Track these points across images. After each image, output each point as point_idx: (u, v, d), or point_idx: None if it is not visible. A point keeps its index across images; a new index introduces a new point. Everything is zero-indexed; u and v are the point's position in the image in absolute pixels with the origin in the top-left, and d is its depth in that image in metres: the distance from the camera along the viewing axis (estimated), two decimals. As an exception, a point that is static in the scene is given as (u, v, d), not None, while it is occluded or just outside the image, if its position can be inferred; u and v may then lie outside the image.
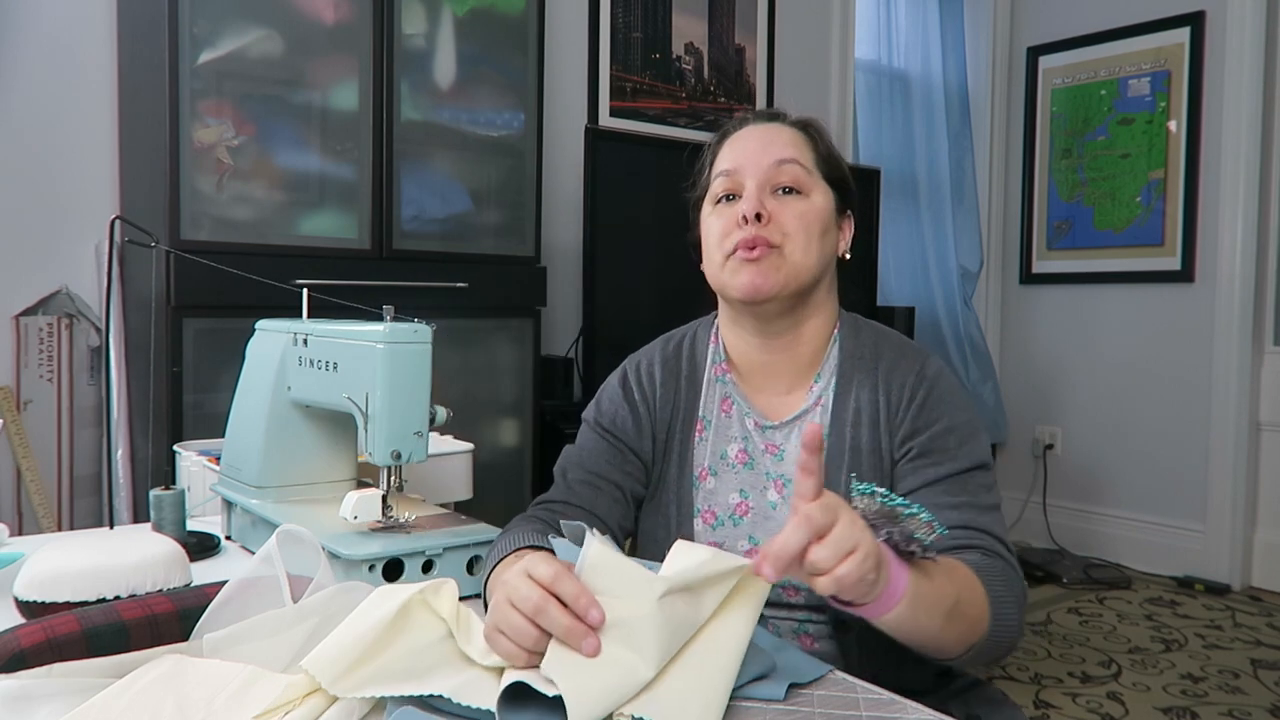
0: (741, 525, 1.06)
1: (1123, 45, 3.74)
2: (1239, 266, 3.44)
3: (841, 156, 1.11)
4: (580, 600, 0.68)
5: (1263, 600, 3.32)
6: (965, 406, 1.04)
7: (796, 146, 1.05)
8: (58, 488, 2.06)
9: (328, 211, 2.04)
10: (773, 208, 1.02)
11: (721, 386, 1.11)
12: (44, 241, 2.09)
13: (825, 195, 1.06)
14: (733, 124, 1.12)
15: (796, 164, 1.03)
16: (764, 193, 1.03)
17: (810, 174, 1.05)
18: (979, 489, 1.00)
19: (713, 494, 1.08)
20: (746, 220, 1.01)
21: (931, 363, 1.05)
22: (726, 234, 1.03)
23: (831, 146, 1.10)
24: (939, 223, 3.84)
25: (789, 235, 1.01)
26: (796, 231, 1.02)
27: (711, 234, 1.06)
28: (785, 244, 1.01)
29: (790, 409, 1.07)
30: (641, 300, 2.62)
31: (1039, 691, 2.51)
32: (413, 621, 0.75)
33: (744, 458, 1.07)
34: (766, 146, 1.05)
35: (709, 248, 1.07)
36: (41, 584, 0.89)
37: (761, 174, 1.03)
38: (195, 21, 1.83)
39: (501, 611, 0.71)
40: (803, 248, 1.02)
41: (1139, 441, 3.73)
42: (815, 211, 1.04)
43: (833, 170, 1.07)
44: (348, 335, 1.07)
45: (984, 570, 0.90)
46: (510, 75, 2.31)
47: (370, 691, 0.68)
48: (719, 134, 1.12)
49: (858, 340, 1.08)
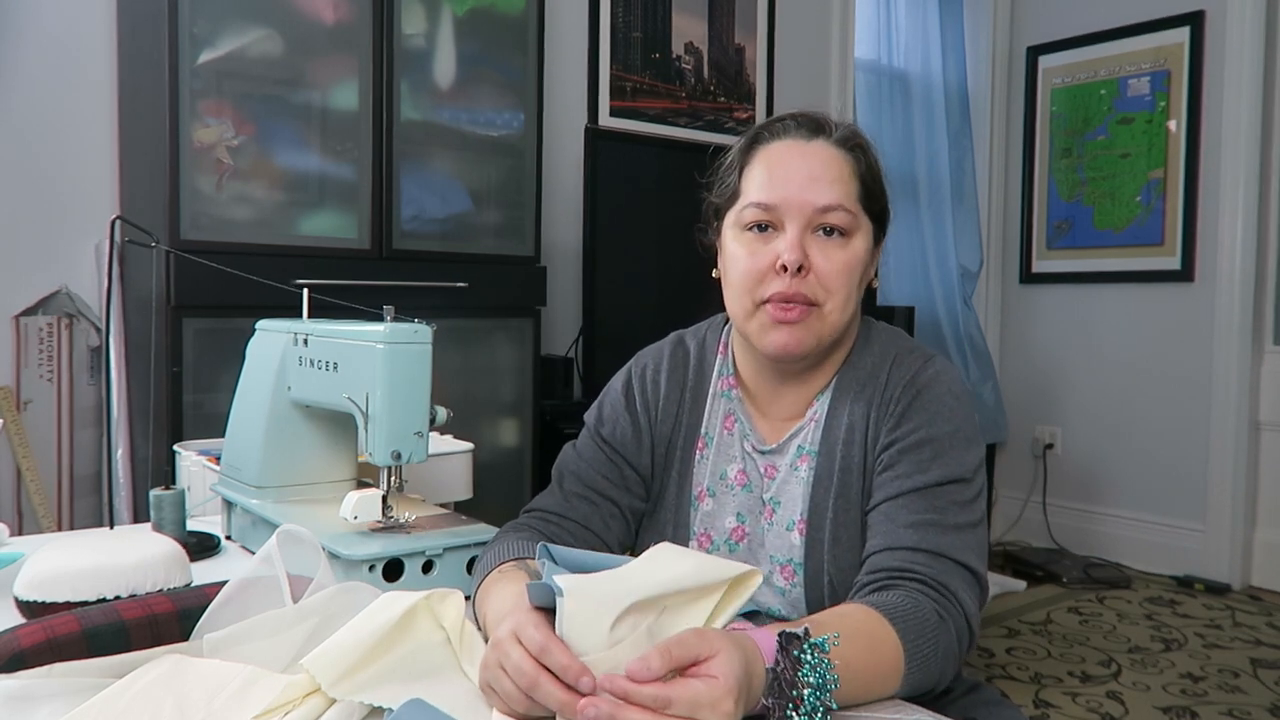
0: (737, 551, 1.03)
1: (1122, 45, 3.74)
2: (1239, 266, 3.44)
3: (882, 175, 1.03)
4: (570, 671, 0.66)
5: (1262, 600, 3.32)
6: (952, 416, 0.96)
7: (842, 180, 0.97)
8: (58, 488, 2.06)
9: (328, 211, 2.04)
10: (814, 256, 0.95)
11: (726, 402, 1.08)
12: (44, 241, 2.09)
13: (867, 235, 0.99)
14: (769, 129, 1.02)
15: (842, 210, 0.96)
16: (805, 234, 0.96)
17: (855, 216, 0.97)
18: (949, 505, 0.92)
19: (710, 516, 1.05)
20: (785, 269, 0.94)
21: (930, 368, 0.99)
22: (760, 278, 0.96)
23: (876, 165, 1.02)
24: (939, 222, 3.84)
25: (831, 293, 0.95)
26: (838, 288, 0.96)
27: (738, 266, 0.99)
28: (825, 303, 0.95)
29: (789, 429, 1.04)
30: (641, 300, 2.62)
31: (1039, 691, 2.51)
32: (416, 628, 0.75)
33: (743, 479, 1.05)
34: (811, 182, 0.96)
35: (733, 279, 1.00)
36: (41, 584, 0.89)
37: (804, 219, 0.96)
38: (195, 21, 1.83)
39: (494, 673, 0.71)
40: (841, 305, 0.96)
41: (1139, 441, 3.73)
42: (857, 258, 0.97)
43: (874, 203, 1.00)
44: (348, 335, 1.07)
45: (902, 621, 0.82)
46: (510, 75, 2.31)
47: (367, 697, 0.68)
48: (751, 136, 1.04)
49: (866, 352, 1.03)
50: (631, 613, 0.70)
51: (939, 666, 0.84)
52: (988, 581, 0.94)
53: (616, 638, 0.69)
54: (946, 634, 0.86)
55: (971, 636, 0.89)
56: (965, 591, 0.90)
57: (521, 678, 0.68)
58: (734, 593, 0.75)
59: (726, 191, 1.03)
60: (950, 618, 0.87)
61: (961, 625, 0.88)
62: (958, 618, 0.88)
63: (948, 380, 0.99)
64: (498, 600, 0.85)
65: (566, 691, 0.67)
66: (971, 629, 0.89)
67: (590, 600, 0.70)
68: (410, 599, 0.75)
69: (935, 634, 0.85)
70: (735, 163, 1.03)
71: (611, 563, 0.82)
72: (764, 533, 1.02)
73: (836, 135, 1.00)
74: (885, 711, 0.76)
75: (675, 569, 0.73)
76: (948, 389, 0.98)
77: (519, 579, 0.87)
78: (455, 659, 0.75)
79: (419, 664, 0.73)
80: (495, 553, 0.94)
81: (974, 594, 0.91)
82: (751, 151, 1.02)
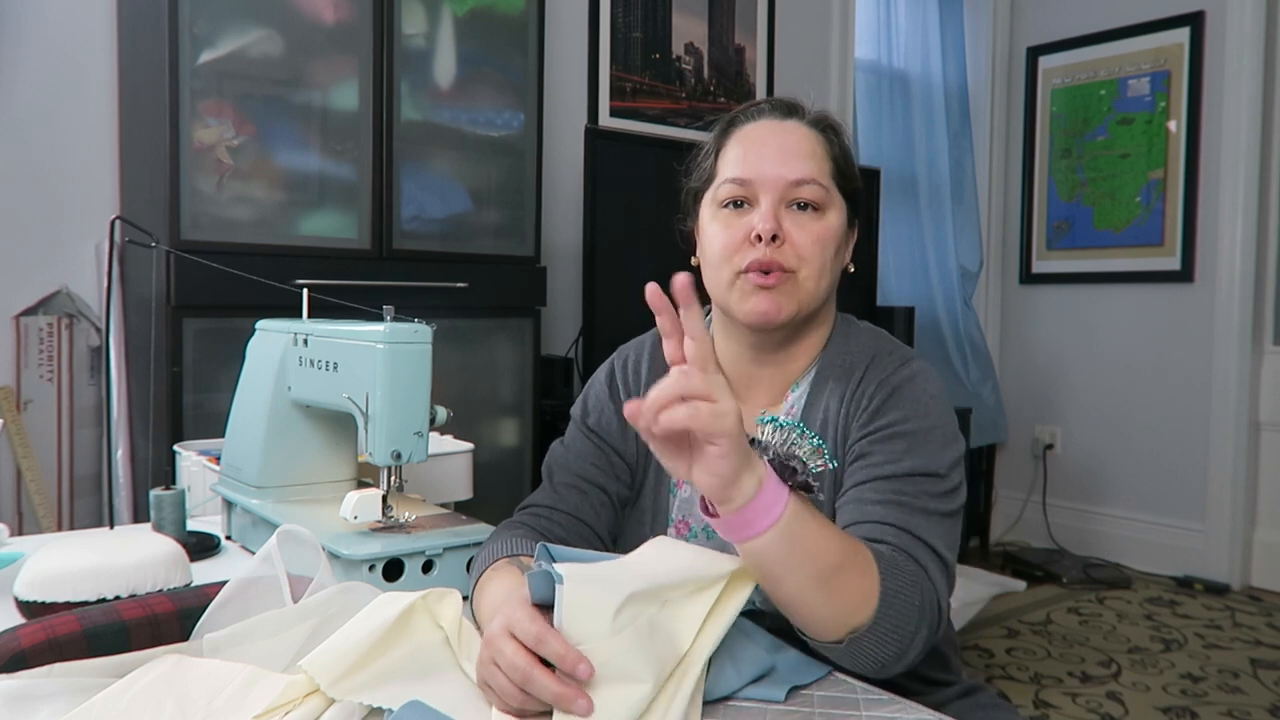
0: (715, 538, 1.00)
1: (1122, 45, 3.74)
2: (1239, 266, 3.44)
3: (854, 159, 1.06)
4: (567, 660, 0.67)
5: (1262, 600, 3.32)
6: (928, 414, 0.95)
7: (815, 158, 0.99)
8: (58, 488, 2.06)
9: (328, 211, 2.04)
10: (788, 227, 0.97)
11: None
12: (44, 241, 2.09)
13: (840, 211, 1.01)
14: (744, 112, 1.04)
15: (815, 184, 0.98)
16: (779, 208, 0.98)
17: (828, 191, 0.99)
18: (920, 494, 0.91)
19: (688, 503, 1.05)
20: (761, 239, 0.96)
21: (909, 367, 0.99)
22: (736, 249, 0.98)
23: (847, 148, 1.04)
24: (939, 223, 3.84)
25: (805, 260, 0.97)
26: (813, 256, 0.97)
27: (715, 242, 1.00)
28: (800, 269, 0.97)
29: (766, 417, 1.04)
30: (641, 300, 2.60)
31: (1039, 691, 2.51)
32: (414, 628, 0.75)
33: None
34: (785, 158, 0.98)
35: (711, 255, 1.01)
36: (42, 584, 0.89)
37: (778, 192, 0.98)
38: (195, 21, 1.83)
39: (488, 670, 0.71)
40: (817, 273, 0.98)
41: (1139, 441, 3.73)
42: (831, 232, 0.99)
43: (847, 182, 1.02)
44: (348, 335, 1.07)
45: (886, 561, 0.83)
46: (510, 75, 2.31)
47: (366, 698, 0.68)
48: (727, 120, 1.05)
49: (845, 346, 1.03)
50: (633, 602, 0.70)
51: (914, 621, 0.81)
52: (955, 574, 0.92)
53: (618, 626, 0.68)
54: (919, 592, 0.83)
55: (940, 616, 0.86)
56: (935, 571, 0.87)
57: (515, 672, 0.68)
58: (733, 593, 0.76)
59: (704, 175, 1.05)
60: (931, 587, 0.85)
61: (931, 599, 0.85)
62: (928, 591, 0.85)
63: (924, 380, 0.98)
64: (492, 596, 0.85)
65: (561, 683, 0.67)
66: (940, 609, 0.86)
67: (592, 587, 0.69)
68: (407, 599, 0.75)
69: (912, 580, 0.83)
70: (711, 147, 1.05)
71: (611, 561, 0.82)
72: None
73: (809, 117, 1.03)
74: (885, 711, 0.76)
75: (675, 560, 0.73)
76: (924, 388, 0.97)
77: (513, 574, 0.87)
78: (454, 658, 0.75)
79: (418, 664, 0.73)
80: (489, 551, 0.94)
81: (943, 577, 0.88)
82: (727, 134, 1.04)
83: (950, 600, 0.92)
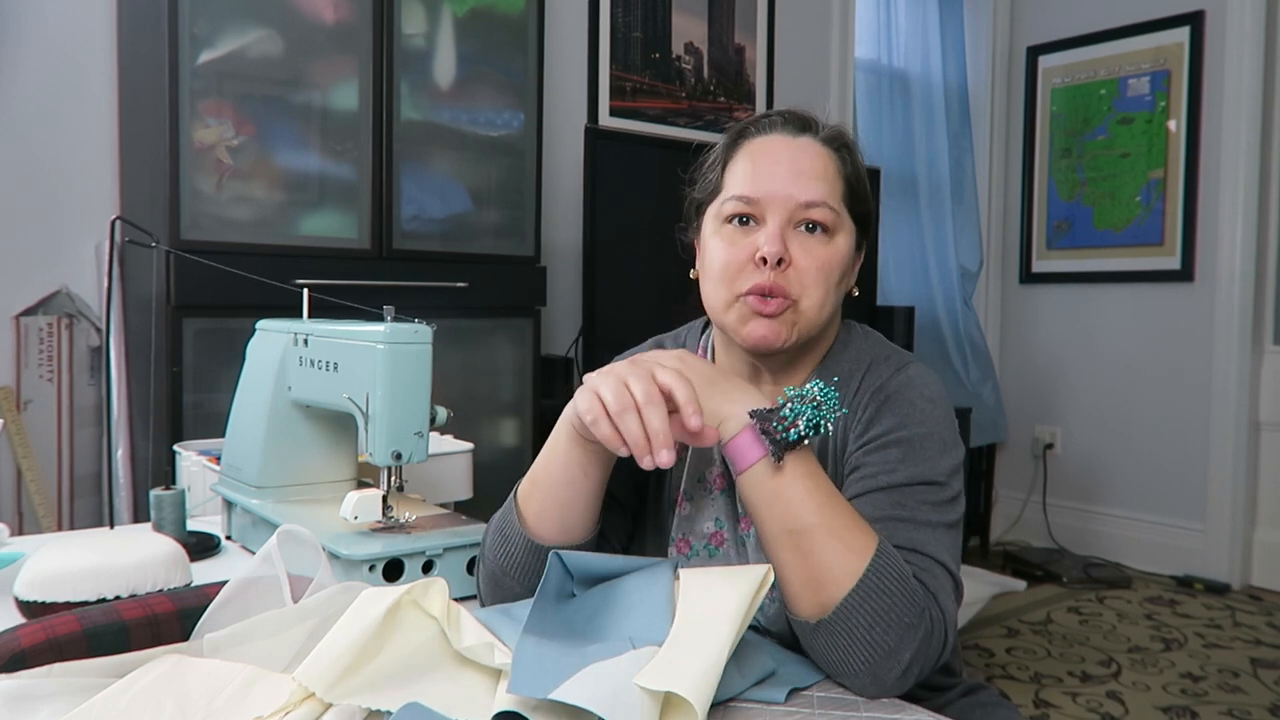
0: (716, 556, 1.00)
1: (1122, 45, 3.74)
2: (1239, 266, 3.44)
3: (866, 179, 1.01)
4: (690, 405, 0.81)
5: (1262, 599, 3.32)
6: (925, 419, 0.93)
7: (827, 178, 0.96)
8: (58, 488, 2.06)
9: (328, 211, 2.04)
10: (794, 251, 0.94)
11: None
12: (44, 241, 2.09)
13: (849, 235, 0.98)
14: (755, 125, 1.00)
15: (826, 206, 0.95)
16: (786, 229, 0.94)
17: (838, 214, 0.96)
18: (919, 505, 0.88)
19: (688, 520, 1.02)
20: (765, 261, 0.93)
21: (904, 372, 0.97)
22: (739, 269, 0.95)
23: (861, 167, 1.00)
24: (939, 223, 3.84)
25: (808, 288, 0.94)
26: (817, 284, 0.94)
27: (717, 259, 0.97)
28: (803, 298, 0.94)
29: None
30: (641, 300, 2.62)
31: (1039, 691, 2.51)
32: (403, 623, 0.74)
33: (722, 483, 1.01)
34: (796, 178, 0.95)
35: (711, 272, 0.98)
36: (42, 584, 0.89)
37: (787, 213, 0.94)
38: (195, 21, 1.83)
39: (609, 379, 0.82)
40: (819, 302, 0.95)
41: (1139, 441, 3.73)
42: (838, 257, 0.96)
43: (859, 204, 0.99)
44: (348, 335, 1.07)
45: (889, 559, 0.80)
46: (510, 75, 2.31)
47: (364, 701, 0.68)
48: (736, 132, 1.02)
49: (843, 357, 1.01)
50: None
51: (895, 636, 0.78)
52: (963, 586, 0.89)
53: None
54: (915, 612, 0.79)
55: (946, 642, 0.82)
56: (943, 593, 0.84)
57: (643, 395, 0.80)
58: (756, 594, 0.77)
59: (709, 187, 1.02)
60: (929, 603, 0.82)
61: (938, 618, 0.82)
62: (935, 618, 0.81)
63: (921, 384, 0.96)
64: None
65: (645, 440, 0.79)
66: (948, 636, 0.83)
67: (709, 679, 0.68)
68: (392, 595, 0.74)
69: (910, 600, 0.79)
70: (719, 158, 1.02)
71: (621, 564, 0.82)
72: (745, 539, 0.99)
73: (823, 134, 0.99)
74: (885, 711, 0.76)
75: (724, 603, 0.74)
76: (920, 393, 0.95)
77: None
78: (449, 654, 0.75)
79: (413, 664, 0.72)
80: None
81: (950, 595, 0.85)
82: (736, 146, 1.00)
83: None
